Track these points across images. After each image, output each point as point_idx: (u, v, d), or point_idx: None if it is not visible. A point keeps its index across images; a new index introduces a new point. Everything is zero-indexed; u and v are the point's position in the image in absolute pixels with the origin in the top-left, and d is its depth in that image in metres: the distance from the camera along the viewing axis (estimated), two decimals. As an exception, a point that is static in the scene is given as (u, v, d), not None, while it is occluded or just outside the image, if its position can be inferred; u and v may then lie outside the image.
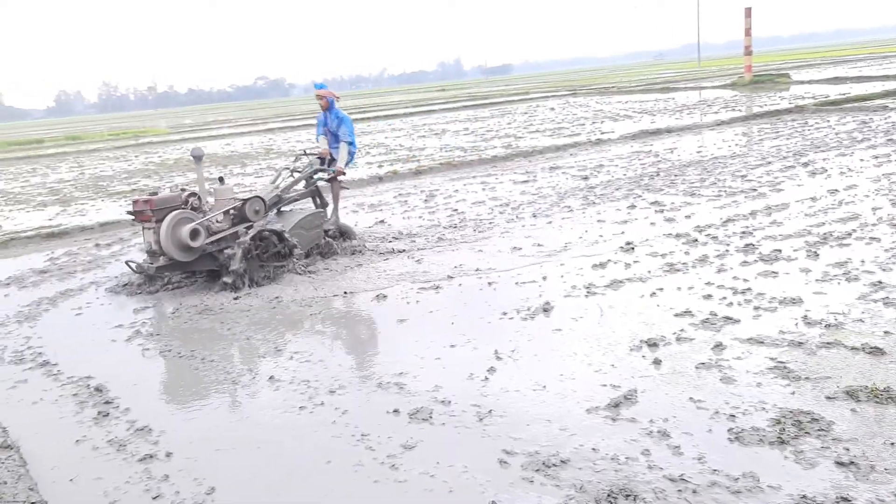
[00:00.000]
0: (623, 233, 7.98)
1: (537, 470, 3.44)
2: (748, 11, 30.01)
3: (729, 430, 3.63)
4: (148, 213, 6.80)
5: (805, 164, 11.09)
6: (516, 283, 6.50)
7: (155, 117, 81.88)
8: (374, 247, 8.41)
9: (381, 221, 9.93)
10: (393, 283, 6.94)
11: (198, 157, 7.36)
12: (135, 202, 6.92)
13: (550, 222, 8.90)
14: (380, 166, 15.77)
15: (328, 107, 8.69)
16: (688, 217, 8.39)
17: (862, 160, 11.03)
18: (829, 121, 16.76)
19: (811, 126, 16.09)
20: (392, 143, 21.12)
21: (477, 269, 7.07)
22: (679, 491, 3.18)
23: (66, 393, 4.99)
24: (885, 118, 16.22)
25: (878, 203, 8.18)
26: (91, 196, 15.42)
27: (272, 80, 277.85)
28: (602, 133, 18.30)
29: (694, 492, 3.16)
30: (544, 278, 6.58)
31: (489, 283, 6.58)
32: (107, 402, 4.74)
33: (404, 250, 8.14)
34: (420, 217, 9.99)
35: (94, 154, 28.68)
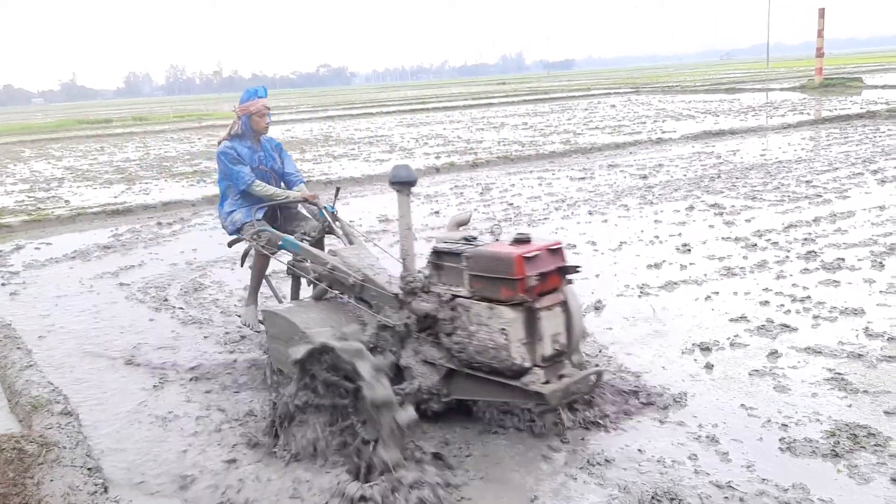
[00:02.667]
0: (680, 234, 7.84)
1: (581, 468, 3.42)
2: (821, 12, 29.08)
3: (780, 440, 3.55)
4: (557, 276, 3.46)
5: (874, 172, 10.71)
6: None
7: (219, 101, 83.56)
8: (428, 237, 8.45)
9: (436, 213, 9.97)
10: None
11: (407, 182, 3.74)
12: (526, 259, 3.29)
13: (606, 220, 8.80)
14: (437, 157, 15.80)
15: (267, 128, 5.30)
16: (748, 221, 8.20)
17: (936, 170, 10.61)
18: (902, 128, 16.15)
19: (883, 132, 15.53)
20: (450, 135, 21.15)
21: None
22: (725, 498, 3.12)
23: (118, 364, 5.15)
24: (964, 127, 15.56)
25: (951, 215, 7.85)
26: (155, 176, 15.84)
27: (334, 69, 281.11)
28: (663, 132, 17.99)
29: (741, 500, 3.10)
30: (597, 276, 6.52)
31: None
32: (161, 377, 4.88)
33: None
34: (475, 210, 9.98)
35: (159, 135, 29.45)
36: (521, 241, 3.41)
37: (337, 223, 5.10)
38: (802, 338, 4.80)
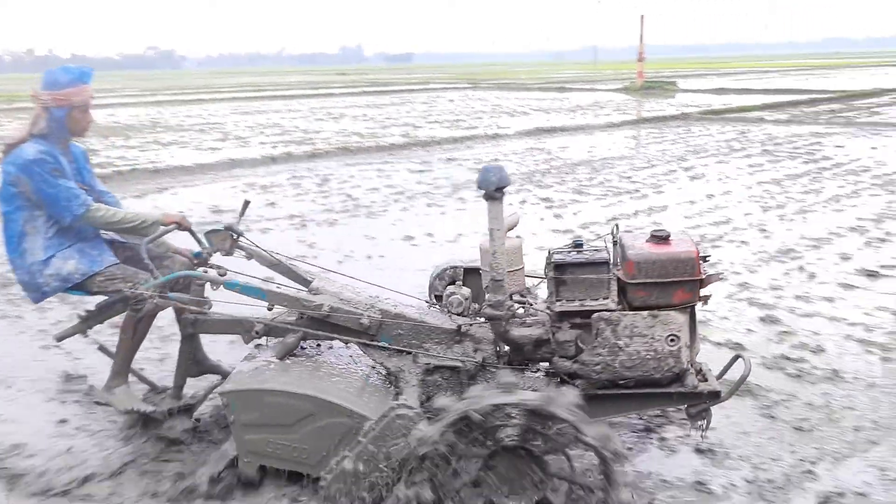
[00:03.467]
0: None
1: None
2: (642, 19, 31.16)
3: (601, 419, 3.78)
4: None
5: (686, 169, 11.65)
6: (405, 272, 6.52)
7: (32, 81, 76.78)
8: (264, 228, 8.25)
9: (272, 204, 9.74)
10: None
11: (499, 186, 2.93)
12: (699, 258, 3.05)
13: (444, 213, 8.98)
14: (273, 147, 15.43)
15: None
16: (575, 214, 8.66)
17: (738, 168, 11.70)
18: (710, 129, 17.66)
19: (694, 133, 16.91)
20: (288, 125, 20.71)
21: (368, 257, 7.05)
22: (550, 476, 3.29)
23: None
24: (762, 129, 17.26)
25: (749, 209, 8.70)
26: (-44, 161, 14.33)
27: (163, 51, 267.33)
28: (499, 128, 18.59)
29: (564, 477, 3.29)
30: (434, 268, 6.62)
31: (379, 270, 6.58)
32: None
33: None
34: (313, 201, 9.85)
35: (-39, 116, 26.64)
36: (663, 237, 3.06)
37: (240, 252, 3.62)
38: (621, 323, 5.14)
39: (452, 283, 3.40)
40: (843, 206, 8.76)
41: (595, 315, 2.98)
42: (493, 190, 2.89)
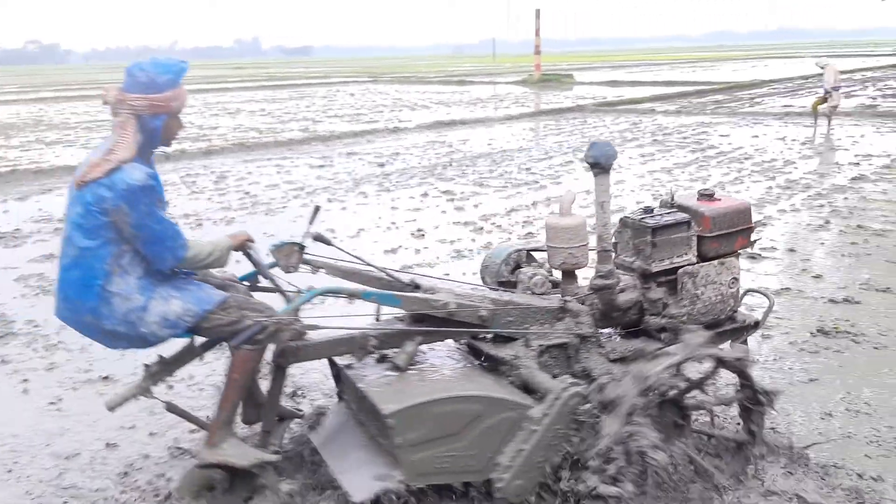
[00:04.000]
0: (415, 220, 8.17)
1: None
2: (538, 13, 31.79)
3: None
4: None
5: (583, 160, 11.94)
6: (304, 267, 6.44)
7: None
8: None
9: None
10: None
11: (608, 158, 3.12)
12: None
13: (345, 208, 8.91)
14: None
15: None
16: (476, 206, 8.76)
17: (630, 158, 12.11)
18: (605, 120, 18.20)
19: (589, 124, 17.39)
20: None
21: (267, 254, 6.91)
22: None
23: None
24: (653, 120, 17.92)
25: (641, 197, 9.02)
26: None
27: (45, 45, 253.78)
28: (400, 121, 18.58)
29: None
30: (488, 255, 6.59)
31: (278, 267, 6.46)
32: None
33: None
34: (209, 199, 9.58)
35: None
36: (710, 195, 3.51)
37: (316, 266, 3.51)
38: (522, 312, 5.23)
39: (517, 266, 3.56)
40: (728, 192, 9.20)
41: (681, 270, 3.31)
42: (592, 166, 3.09)
